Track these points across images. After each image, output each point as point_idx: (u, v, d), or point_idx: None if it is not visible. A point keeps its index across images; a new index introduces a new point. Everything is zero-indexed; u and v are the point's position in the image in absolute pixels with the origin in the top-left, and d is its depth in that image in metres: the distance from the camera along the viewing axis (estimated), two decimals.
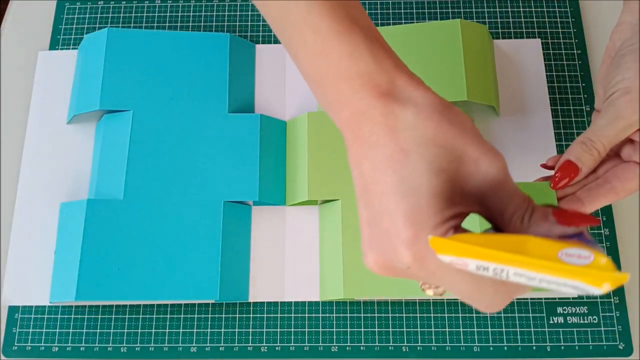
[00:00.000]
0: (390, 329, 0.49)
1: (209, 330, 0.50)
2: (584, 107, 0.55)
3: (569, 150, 0.41)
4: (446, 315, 0.49)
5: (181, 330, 0.49)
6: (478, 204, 0.31)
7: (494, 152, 0.30)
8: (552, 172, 0.42)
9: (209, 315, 0.50)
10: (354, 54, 0.31)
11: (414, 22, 0.58)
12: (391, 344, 0.49)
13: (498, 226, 0.31)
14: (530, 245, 0.27)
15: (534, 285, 0.27)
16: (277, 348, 0.49)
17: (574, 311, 0.49)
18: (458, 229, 0.29)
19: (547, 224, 0.31)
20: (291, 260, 0.51)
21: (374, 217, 0.30)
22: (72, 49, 0.58)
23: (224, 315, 0.50)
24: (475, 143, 0.30)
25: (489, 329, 0.49)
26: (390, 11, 0.59)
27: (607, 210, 0.52)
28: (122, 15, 0.60)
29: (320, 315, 0.50)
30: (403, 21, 0.59)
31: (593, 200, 0.41)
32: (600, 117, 0.40)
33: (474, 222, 0.46)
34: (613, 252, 0.51)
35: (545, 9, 0.59)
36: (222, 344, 0.49)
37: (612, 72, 0.40)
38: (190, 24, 0.59)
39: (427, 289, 0.34)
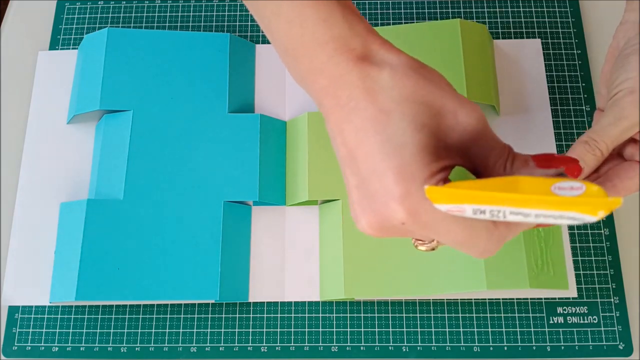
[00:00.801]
0: (390, 329, 0.49)
1: (209, 330, 0.50)
2: (584, 107, 0.55)
3: (572, 149, 0.41)
4: (446, 315, 0.49)
5: (181, 330, 0.49)
6: (461, 157, 0.32)
7: (471, 104, 0.31)
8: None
9: (209, 315, 0.50)
10: (328, 20, 0.31)
11: (413, 22, 0.58)
12: (391, 344, 0.49)
13: (483, 177, 0.32)
14: (522, 184, 0.27)
15: (530, 222, 0.28)
16: (277, 348, 0.49)
17: (574, 311, 0.49)
18: (446, 182, 0.30)
19: (528, 168, 0.32)
20: (291, 261, 0.51)
21: (362, 180, 0.30)
22: (72, 49, 0.58)
23: (224, 315, 0.50)
24: (452, 97, 0.31)
25: (489, 329, 0.49)
26: (390, 11, 0.59)
27: None
28: (122, 15, 0.60)
29: (320, 315, 0.50)
30: (403, 21, 0.59)
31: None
32: (604, 116, 0.39)
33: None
34: (613, 252, 0.51)
35: (545, 9, 0.59)
36: (222, 344, 0.49)
37: (616, 71, 0.40)
38: (190, 24, 0.59)
39: (420, 244, 0.34)
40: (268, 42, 0.58)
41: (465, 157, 0.32)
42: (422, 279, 0.47)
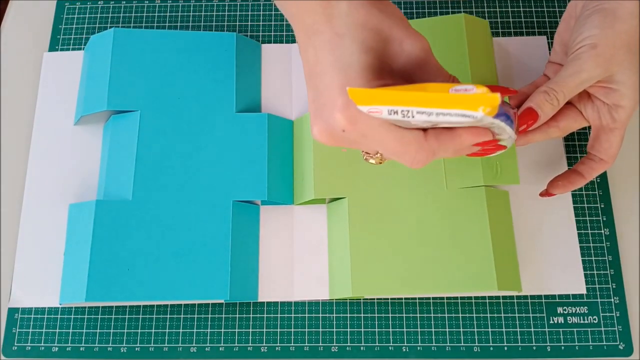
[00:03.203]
0: (390, 329, 0.49)
1: (208, 330, 0.50)
2: None
3: (531, 98, 0.44)
4: (446, 315, 0.49)
5: (181, 331, 0.49)
6: (405, 81, 0.36)
7: (417, 35, 0.35)
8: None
9: (209, 316, 0.50)
10: None
11: (419, 19, 0.58)
12: (391, 344, 0.49)
13: None
14: (429, 87, 0.32)
15: (432, 120, 0.31)
16: (277, 348, 0.49)
17: (574, 311, 0.49)
18: None
19: None
20: (300, 260, 0.51)
21: (317, 94, 0.35)
22: (72, 49, 0.58)
23: (223, 316, 0.50)
24: (400, 27, 0.35)
25: (489, 329, 0.49)
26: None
27: (607, 210, 0.52)
28: (122, 15, 0.60)
29: (320, 315, 0.50)
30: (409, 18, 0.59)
31: (590, 172, 0.47)
32: (564, 69, 0.43)
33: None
34: (613, 252, 0.51)
35: (550, 7, 0.59)
36: (222, 344, 0.49)
37: (578, 29, 0.44)
38: (190, 23, 0.59)
39: (369, 157, 0.38)
40: (267, 42, 0.58)
41: (410, 82, 0.36)
42: (430, 277, 0.47)
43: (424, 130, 0.35)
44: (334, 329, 0.49)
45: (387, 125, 0.33)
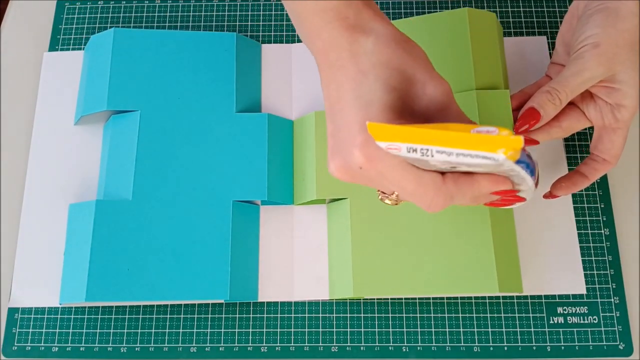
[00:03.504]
0: (390, 329, 0.49)
1: (208, 330, 0.50)
2: None
3: (533, 98, 0.44)
4: (446, 315, 0.49)
5: (181, 331, 0.49)
6: (425, 123, 0.35)
7: (440, 78, 0.35)
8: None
9: (209, 316, 0.50)
10: None
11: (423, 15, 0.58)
12: (391, 344, 0.49)
13: None
14: (450, 127, 0.32)
15: (452, 161, 0.30)
16: (277, 348, 0.49)
17: (574, 311, 0.49)
18: None
19: None
20: (300, 260, 0.51)
21: (336, 129, 0.35)
22: (72, 49, 0.58)
23: (223, 316, 0.50)
24: (424, 69, 0.35)
25: (489, 329, 0.49)
26: (390, 11, 0.59)
27: (607, 210, 0.52)
28: (122, 15, 0.60)
29: (320, 315, 0.50)
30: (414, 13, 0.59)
31: (593, 172, 0.48)
32: (567, 68, 0.44)
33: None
34: (613, 252, 0.51)
35: (550, 7, 0.59)
36: (222, 344, 0.49)
37: (581, 29, 0.44)
38: (190, 23, 0.59)
39: (385, 198, 0.38)
40: (267, 42, 0.58)
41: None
42: (431, 278, 0.47)
43: (442, 174, 0.34)
44: (334, 329, 0.49)
45: (406, 165, 0.33)
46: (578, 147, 0.54)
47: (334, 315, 0.50)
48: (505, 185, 0.35)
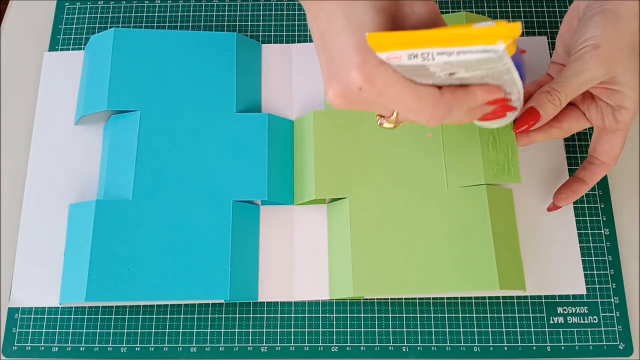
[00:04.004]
0: (390, 329, 0.49)
1: (208, 330, 0.50)
2: None
3: (533, 98, 0.45)
4: (446, 315, 0.49)
5: (181, 331, 0.49)
6: None
7: None
8: None
9: (209, 316, 0.50)
10: None
11: None
12: (391, 344, 0.49)
13: None
14: (448, 28, 0.32)
15: (452, 61, 0.31)
16: (277, 348, 0.49)
17: (574, 311, 0.49)
18: None
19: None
20: (300, 260, 0.51)
21: (330, 57, 0.35)
22: (72, 49, 0.58)
23: (223, 316, 0.50)
24: None
25: (489, 329, 0.49)
26: None
27: (607, 210, 0.52)
28: (122, 15, 0.60)
29: (320, 315, 0.50)
30: None
31: (592, 177, 0.48)
32: (567, 69, 0.44)
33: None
34: (613, 252, 0.51)
35: (550, 7, 0.59)
36: (222, 344, 0.49)
37: (581, 30, 0.44)
38: (190, 23, 0.59)
39: (384, 121, 0.38)
40: (267, 42, 0.58)
41: None
42: (432, 277, 0.47)
43: (439, 88, 0.35)
44: (334, 329, 0.49)
45: (404, 80, 0.34)
46: (578, 147, 0.54)
47: (334, 315, 0.50)
48: (498, 94, 0.37)
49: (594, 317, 0.49)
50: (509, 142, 0.49)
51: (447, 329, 0.49)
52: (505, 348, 0.49)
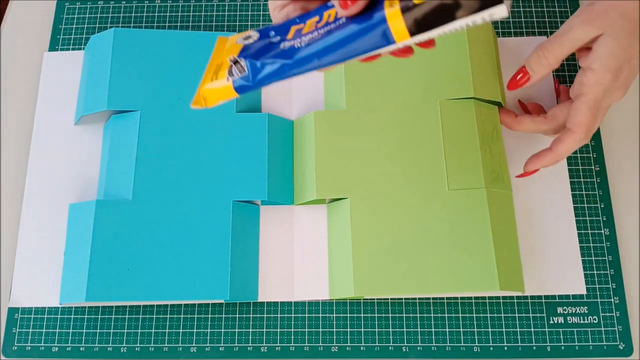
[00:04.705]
0: (390, 329, 0.49)
1: (208, 330, 0.50)
2: None
3: (526, 58, 0.47)
4: (446, 315, 0.49)
5: (181, 331, 0.49)
6: None
7: None
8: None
9: (209, 316, 0.50)
10: None
11: None
12: (391, 344, 0.49)
13: None
14: None
15: None
16: (277, 348, 0.49)
17: (574, 311, 0.49)
18: None
19: None
20: (300, 260, 0.51)
21: None
22: (72, 49, 0.58)
23: (223, 316, 0.50)
24: None
25: (489, 329, 0.49)
26: None
27: (607, 210, 0.52)
28: (122, 15, 0.60)
29: (320, 315, 0.50)
30: None
31: (557, 143, 0.47)
32: (555, 33, 0.45)
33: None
34: (613, 252, 0.51)
35: (550, 7, 0.59)
36: (221, 344, 0.49)
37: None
38: (190, 23, 0.59)
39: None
40: None
41: None
42: (432, 278, 0.47)
43: None
44: (334, 329, 0.49)
45: None
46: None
47: (334, 315, 0.50)
48: None
49: (594, 317, 0.49)
50: (500, 152, 0.51)
51: (447, 329, 0.49)
52: (505, 348, 0.49)
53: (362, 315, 0.50)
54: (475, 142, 0.50)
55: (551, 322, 0.49)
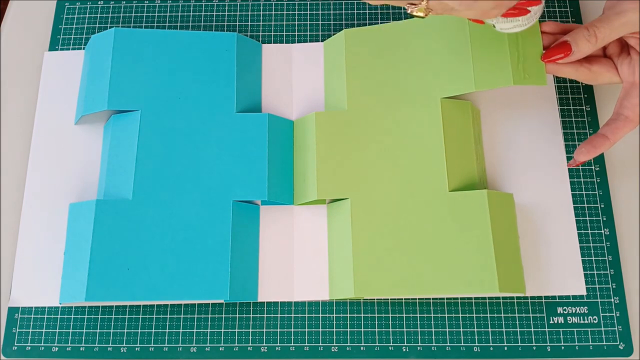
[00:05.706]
0: (390, 329, 0.49)
1: (208, 330, 0.50)
2: (584, 107, 0.55)
3: (571, 33, 0.45)
4: (446, 315, 0.49)
5: (181, 331, 0.49)
6: None
7: None
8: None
9: (209, 316, 0.50)
10: None
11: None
12: (391, 344, 0.49)
13: None
14: None
15: None
16: (277, 348, 0.49)
17: (574, 311, 0.49)
18: None
19: None
20: (300, 260, 0.51)
21: None
22: (72, 49, 0.58)
23: (223, 316, 0.50)
24: None
25: (489, 329, 0.49)
26: (390, 11, 0.59)
27: (607, 210, 0.52)
28: (122, 15, 0.60)
29: (320, 315, 0.50)
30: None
31: (615, 132, 0.46)
32: (609, 10, 0.44)
33: None
34: (613, 252, 0.51)
35: (550, 7, 0.59)
36: (221, 344, 0.49)
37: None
38: (190, 23, 0.59)
39: (414, 9, 0.39)
40: (273, 42, 0.58)
41: None
42: (432, 279, 0.47)
43: None
44: (334, 329, 0.49)
45: None
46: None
47: (334, 315, 0.50)
48: None
49: (594, 317, 0.49)
50: (482, 154, 0.51)
51: (447, 329, 0.49)
52: (505, 348, 0.49)
53: (362, 315, 0.50)
54: (471, 143, 0.50)
55: (551, 322, 0.49)
